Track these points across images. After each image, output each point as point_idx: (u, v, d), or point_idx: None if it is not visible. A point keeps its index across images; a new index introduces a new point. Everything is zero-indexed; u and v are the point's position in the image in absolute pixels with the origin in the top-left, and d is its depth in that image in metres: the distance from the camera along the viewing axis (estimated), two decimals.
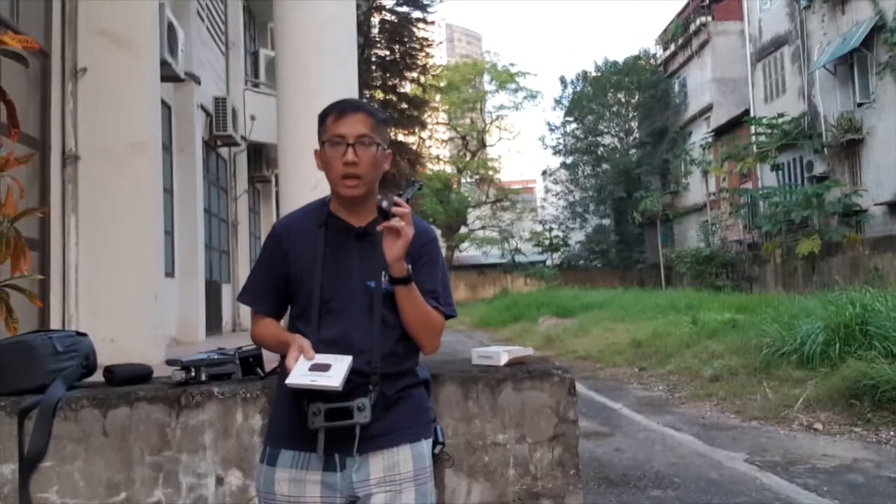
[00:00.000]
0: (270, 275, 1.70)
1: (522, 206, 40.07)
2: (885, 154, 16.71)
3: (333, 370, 1.47)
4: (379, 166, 1.64)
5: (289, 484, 1.54)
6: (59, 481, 2.11)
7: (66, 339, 2.30)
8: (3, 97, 2.46)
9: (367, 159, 1.60)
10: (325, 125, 1.64)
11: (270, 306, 1.72)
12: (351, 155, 1.58)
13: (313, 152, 1.70)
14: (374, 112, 1.66)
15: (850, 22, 17.78)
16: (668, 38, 31.44)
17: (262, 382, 2.27)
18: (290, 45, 3.89)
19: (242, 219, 11.14)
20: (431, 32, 23.02)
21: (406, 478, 1.56)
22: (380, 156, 1.63)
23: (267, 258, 1.72)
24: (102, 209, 4.40)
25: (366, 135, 1.60)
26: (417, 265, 1.64)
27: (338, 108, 1.64)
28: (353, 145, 1.59)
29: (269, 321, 1.71)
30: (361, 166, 1.59)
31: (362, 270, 1.62)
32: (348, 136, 1.59)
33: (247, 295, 1.73)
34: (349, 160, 1.58)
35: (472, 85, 38.74)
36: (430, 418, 1.70)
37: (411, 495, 1.56)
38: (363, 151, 1.59)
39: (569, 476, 2.33)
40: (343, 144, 1.59)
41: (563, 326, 14.86)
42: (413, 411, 1.63)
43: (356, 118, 1.61)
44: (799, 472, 4.44)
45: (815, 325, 7.00)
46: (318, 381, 1.45)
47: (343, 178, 1.61)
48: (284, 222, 1.78)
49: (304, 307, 1.63)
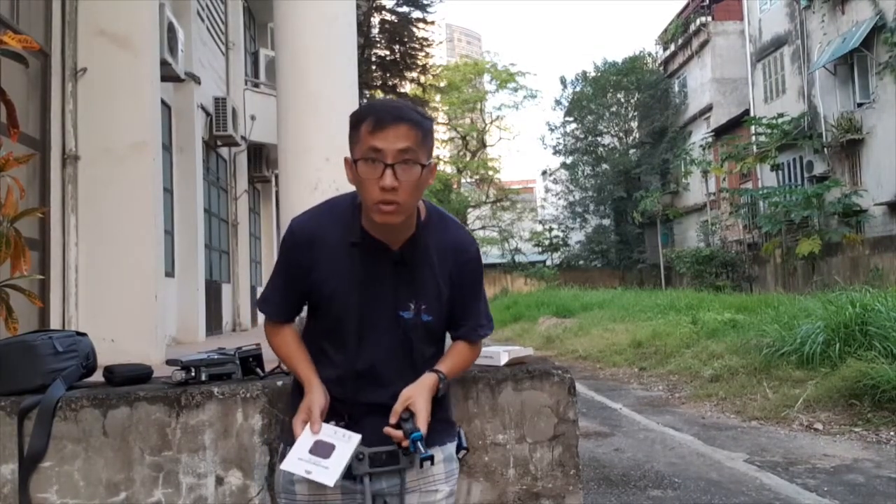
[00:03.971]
0: (291, 286, 1.55)
1: (522, 206, 40.06)
2: (885, 154, 16.71)
3: (335, 457, 1.39)
4: (422, 188, 1.38)
5: (308, 484, 1.48)
6: (59, 481, 2.11)
7: (66, 338, 2.30)
8: (2, 97, 2.45)
9: (409, 183, 1.33)
10: (360, 133, 1.35)
11: (290, 315, 1.61)
12: (389, 179, 1.31)
13: (343, 160, 1.44)
14: (420, 120, 1.36)
15: (850, 22, 17.78)
16: (667, 38, 31.43)
17: (263, 382, 2.27)
18: (290, 46, 3.88)
19: (242, 219, 11.13)
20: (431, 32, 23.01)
21: (439, 479, 1.54)
22: (424, 176, 1.36)
23: (287, 269, 1.55)
24: (102, 209, 4.40)
25: (409, 149, 1.32)
26: (456, 288, 1.52)
27: (375, 115, 1.33)
28: (393, 165, 1.32)
29: (288, 334, 1.59)
30: (402, 192, 1.33)
31: (397, 298, 1.47)
32: (387, 154, 1.31)
33: (267, 306, 1.59)
34: (387, 185, 1.31)
35: (472, 85, 38.75)
36: (453, 422, 1.66)
37: (444, 495, 1.54)
38: (405, 173, 1.32)
39: (569, 476, 2.33)
40: (381, 164, 1.32)
41: (563, 326, 14.86)
42: (438, 418, 1.53)
43: (399, 131, 1.32)
44: (799, 472, 4.44)
45: (815, 325, 7.00)
46: (312, 474, 1.38)
47: (379, 204, 1.35)
48: (307, 230, 1.51)
49: (333, 330, 1.51)
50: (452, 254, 1.52)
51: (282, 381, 2.26)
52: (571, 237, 36.22)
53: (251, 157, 11.59)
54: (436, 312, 1.51)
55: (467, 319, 1.58)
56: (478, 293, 1.59)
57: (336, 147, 3.42)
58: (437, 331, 1.56)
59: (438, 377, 1.48)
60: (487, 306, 1.65)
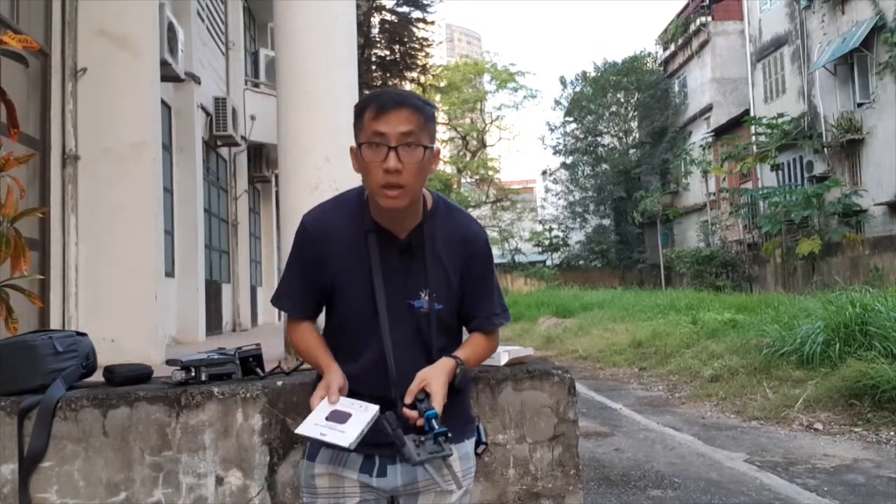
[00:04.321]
0: (306, 280, 1.55)
1: (522, 206, 40.08)
2: (885, 154, 16.71)
3: (351, 422, 1.38)
4: (426, 172, 1.41)
5: (328, 478, 1.52)
6: (59, 481, 2.11)
7: (66, 339, 2.31)
8: (3, 97, 2.46)
9: (412, 165, 1.37)
10: (363, 121, 1.40)
11: (307, 311, 1.59)
12: (393, 161, 1.35)
13: (349, 150, 1.46)
14: (422, 106, 1.40)
15: (850, 22, 17.78)
16: (667, 38, 31.44)
17: (263, 382, 2.27)
18: (290, 46, 3.88)
19: (242, 219, 11.14)
20: (431, 32, 23.00)
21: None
22: (427, 159, 1.40)
23: (301, 264, 1.55)
24: (102, 209, 4.40)
25: (412, 133, 1.36)
26: (467, 279, 1.53)
27: (377, 102, 1.38)
28: (396, 148, 1.35)
29: (307, 330, 1.58)
30: (406, 174, 1.36)
31: (408, 288, 1.48)
32: (390, 137, 1.35)
33: (282, 300, 1.59)
34: (391, 167, 1.35)
35: (472, 85, 38.76)
36: (472, 418, 1.64)
37: (458, 496, 1.54)
38: (408, 155, 1.36)
39: (569, 476, 2.33)
40: (384, 147, 1.36)
41: (563, 326, 14.86)
42: (456, 414, 1.52)
43: (400, 115, 1.36)
44: (799, 472, 4.44)
45: (815, 325, 7.00)
46: (327, 437, 1.36)
47: (384, 188, 1.38)
48: (318, 222, 1.53)
49: (348, 322, 1.52)
50: (461, 245, 1.52)
51: (282, 382, 2.26)
52: (571, 237, 36.23)
53: (251, 157, 11.60)
54: (446, 301, 1.51)
55: (480, 310, 1.57)
56: (489, 284, 1.58)
57: (336, 147, 3.43)
58: (450, 321, 1.55)
59: (456, 362, 1.47)
60: (501, 296, 1.63)
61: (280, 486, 2.21)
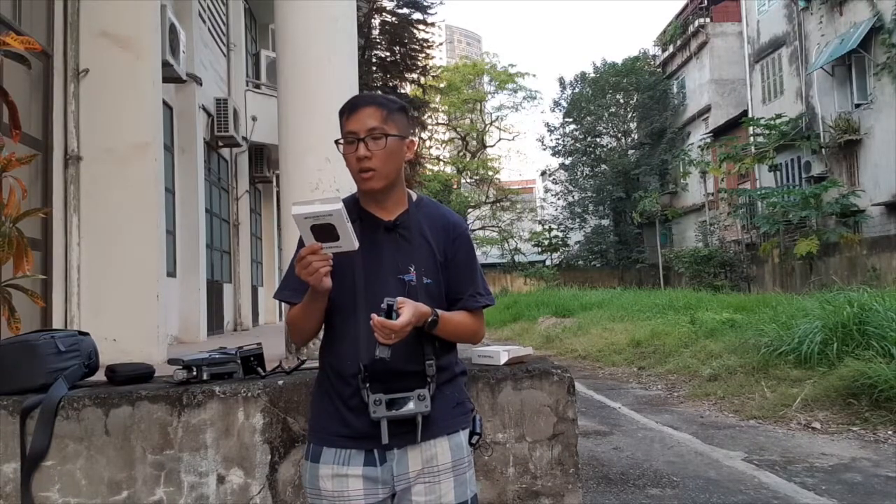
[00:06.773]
0: None
1: (522, 206, 40.07)
2: (883, 154, 16.75)
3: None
4: (395, 157, 1.63)
5: (332, 480, 1.57)
6: (61, 480, 2.13)
7: (68, 338, 2.32)
8: (5, 98, 2.47)
9: (379, 151, 1.60)
10: (342, 123, 1.65)
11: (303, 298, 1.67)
12: (362, 150, 1.59)
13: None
14: (386, 102, 1.65)
15: (848, 23, 17.81)
16: (666, 40, 31.49)
17: (264, 382, 2.29)
18: (291, 47, 3.90)
19: (244, 219, 11.15)
20: (432, 34, 23.01)
21: (444, 468, 1.60)
22: (394, 146, 1.62)
23: None
24: (104, 209, 4.42)
25: (376, 128, 1.60)
26: (451, 263, 1.68)
27: (349, 105, 1.65)
28: (364, 140, 1.60)
29: (298, 306, 1.66)
30: (375, 159, 1.60)
31: (395, 264, 1.63)
32: (359, 132, 1.60)
33: (284, 291, 1.69)
34: (360, 154, 1.60)
35: (471, 86, 38.76)
36: (468, 409, 1.71)
37: (450, 485, 1.60)
38: (374, 144, 1.60)
39: (568, 475, 2.34)
40: (355, 141, 1.61)
41: (563, 326, 14.88)
42: (449, 404, 1.64)
43: (366, 112, 1.61)
44: (797, 470, 4.46)
45: (813, 324, 7.01)
46: (315, 204, 1.44)
47: (359, 173, 1.62)
48: None
49: (341, 303, 1.62)
50: (443, 230, 1.69)
51: (283, 381, 2.28)
52: (571, 237, 36.24)
53: (252, 158, 11.61)
54: (434, 276, 1.65)
55: (464, 290, 1.69)
56: (472, 267, 1.73)
57: None
58: (438, 297, 1.65)
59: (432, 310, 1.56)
60: (485, 281, 1.76)
61: (281, 484, 2.22)
